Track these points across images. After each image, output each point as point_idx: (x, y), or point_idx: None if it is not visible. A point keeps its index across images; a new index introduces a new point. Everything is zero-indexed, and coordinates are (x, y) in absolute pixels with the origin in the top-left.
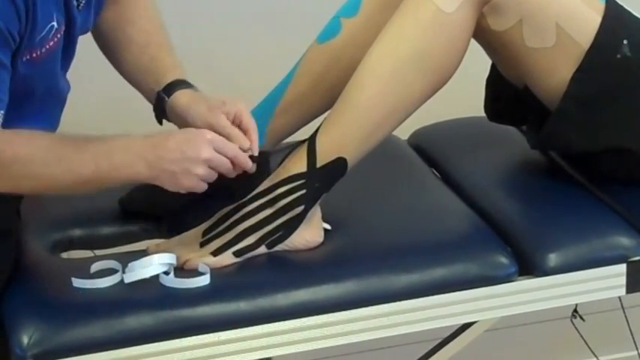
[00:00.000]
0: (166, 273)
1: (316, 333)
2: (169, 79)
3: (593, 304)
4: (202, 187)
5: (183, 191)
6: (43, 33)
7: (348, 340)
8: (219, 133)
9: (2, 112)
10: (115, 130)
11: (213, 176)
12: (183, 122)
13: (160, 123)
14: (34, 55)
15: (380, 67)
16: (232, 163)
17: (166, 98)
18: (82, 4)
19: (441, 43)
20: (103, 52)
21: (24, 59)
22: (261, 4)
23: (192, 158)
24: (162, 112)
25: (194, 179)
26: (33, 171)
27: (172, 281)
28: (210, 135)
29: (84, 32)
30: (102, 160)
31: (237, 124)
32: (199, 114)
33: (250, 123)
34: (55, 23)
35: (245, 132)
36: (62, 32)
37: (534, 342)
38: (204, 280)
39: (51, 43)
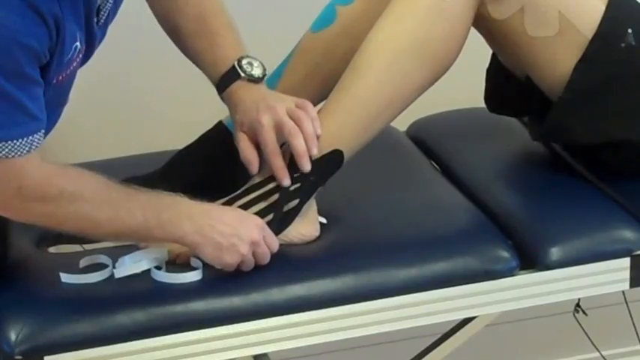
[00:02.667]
0: (158, 268)
1: (313, 328)
2: (217, 74)
3: (595, 299)
4: (234, 267)
5: (219, 266)
6: (70, 54)
7: (346, 336)
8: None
9: (42, 132)
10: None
11: (251, 264)
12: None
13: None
14: (60, 78)
15: (377, 56)
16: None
17: (220, 96)
18: (101, 20)
19: (440, 31)
20: (166, 32)
21: (52, 82)
22: None
23: (243, 236)
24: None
25: (236, 257)
26: (76, 210)
27: (164, 276)
28: (261, 222)
29: (101, 42)
30: (150, 213)
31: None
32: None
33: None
34: (78, 43)
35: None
36: (83, 51)
37: (536, 337)
38: (196, 275)
39: (74, 64)
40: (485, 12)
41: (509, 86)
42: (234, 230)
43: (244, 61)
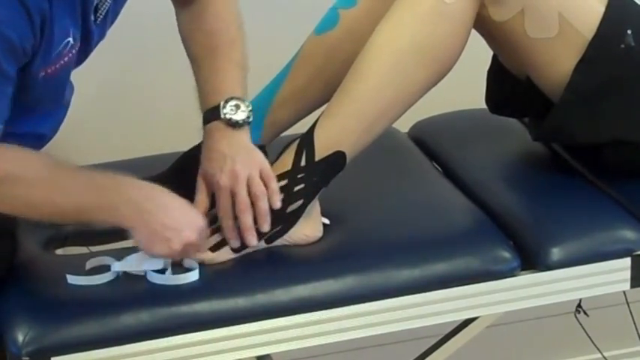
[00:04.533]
0: (163, 270)
1: (316, 329)
2: (204, 108)
3: (597, 299)
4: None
5: (147, 252)
6: (59, 49)
7: (348, 337)
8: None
9: (1, 126)
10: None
11: (177, 256)
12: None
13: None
14: (49, 70)
15: (379, 58)
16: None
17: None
18: (99, 18)
19: (441, 33)
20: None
21: (39, 76)
22: None
23: (181, 234)
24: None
25: (166, 250)
26: (17, 192)
27: (160, 278)
28: (201, 222)
29: (100, 40)
30: (90, 196)
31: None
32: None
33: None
34: (71, 39)
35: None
36: (77, 48)
37: (537, 337)
38: (192, 276)
39: (65, 59)
40: (485, 14)
41: (510, 87)
42: (174, 224)
43: (231, 103)
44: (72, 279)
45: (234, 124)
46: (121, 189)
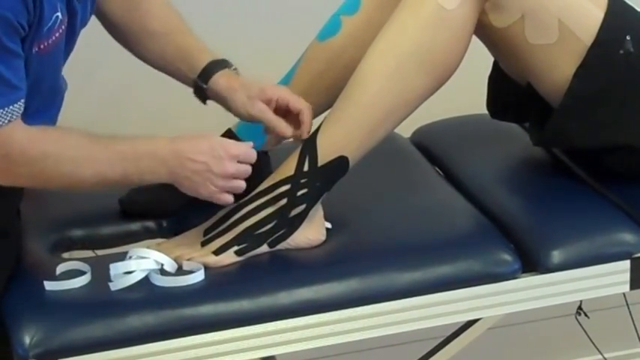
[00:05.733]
0: (163, 272)
1: (319, 331)
2: (202, 63)
3: (597, 301)
4: (224, 198)
5: (201, 198)
6: (50, 23)
7: (351, 338)
8: (262, 121)
9: (22, 101)
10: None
11: (238, 188)
12: (224, 105)
13: (204, 103)
14: (42, 46)
15: (381, 64)
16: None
17: (204, 86)
18: None
19: (443, 40)
20: (122, 44)
21: (33, 51)
22: (260, 3)
23: (216, 172)
24: (203, 97)
25: (213, 191)
26: (61, 170)
27: (165, 280)
28: (234, 149)
29: (84, 25)
30: (129, 165)
31: (284, 108)
32: (240, 103)
33: (299, 104)
34: (59, 14)
35: (297, 113)
36: (65, 24)
37: (539, 339)
38: (197, 278)
39: (57, 34)
40: (486, 20)
41: (511, 93)
42: (205, 167)
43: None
44: (48, 285)
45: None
46: (156, 153)
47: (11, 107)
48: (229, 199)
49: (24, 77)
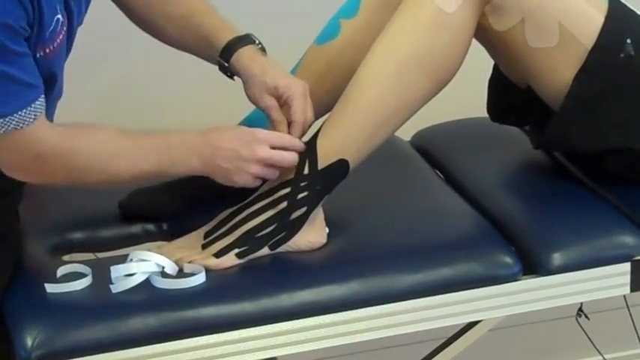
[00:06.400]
0: (164, 274)
1: (320, 333)
2: (223, 41)
3: (598, 303)
4: (256, 183)
5: (237, 186)
6: (52, 27)
7: (353, 340)
8: (266, 114)
9: (42, 97)
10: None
11: (272, 173)
12: (244, 82)
13: (232, 79)
14: (48, 50)
15: (380, 68)
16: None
17: (226, 64)
18: None
19: (442, 43)
20: (143, 28)
21: (37, 56)
22: (259, 5)
23: (247, 157)
24: (228, 74)
25: (247, 177)
26: (93, 165)
27: (167, 282)
28: (263, 134)
29: (80, 23)
30: (162, 156)
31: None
32: (251, 92)
33: (295, 114)
34: (60, 16)
35: (290, 123)
36: (66, 25)
37: (539, 341)
38: (198, 280)
39: (60, 37)
40: (486, 23)
41: (511, 96)
42: (235, 153)
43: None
44: (50, 287)
45: (264, 51)
46: (186, 144)
47: (33, 106)
48: (271, 175)
49: (38, 74)
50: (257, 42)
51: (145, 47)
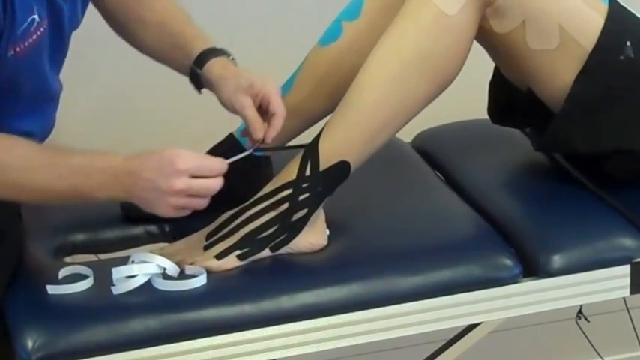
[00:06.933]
0: (165, 276)
1: (321, 335)
2: (198, 49)
3: (597, 305)
4: (182, 214)
5: (161, 216)
6: (24, 26)
7: (353, 342)
8: (241, 115)
9: None
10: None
11: (197, 203)
12: (216, 94)
13: (199, 92)
14: (18, 49)
15: (382, 70)
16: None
17: (199, 70)
18: None
19: (444, 45)
20: (119, 34)
21: (9, 55)
22: (262, 7)
23: (164, 190)
24: (198, 83)
25: (167, 209)
26: (5, 178)
27: (167, 284)
28: (182, 164)
29: (75, 27)
30: (80, 179)
31: (265, 106)
32: (226, 94)
33: (277, 108)
34: (35, 16)
35: (270, 116)
36: (46, 26)
37: (539, 343)
38: (199, 282)
39: (34, 37)
40: (487, 26)
41: (512, 98)
42: (153, 184)
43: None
44: (51, 289)
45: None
46: (108, 171)
47: None
48: (196, 205)
49: None
50: (230, 56)
51: (140, 54)
